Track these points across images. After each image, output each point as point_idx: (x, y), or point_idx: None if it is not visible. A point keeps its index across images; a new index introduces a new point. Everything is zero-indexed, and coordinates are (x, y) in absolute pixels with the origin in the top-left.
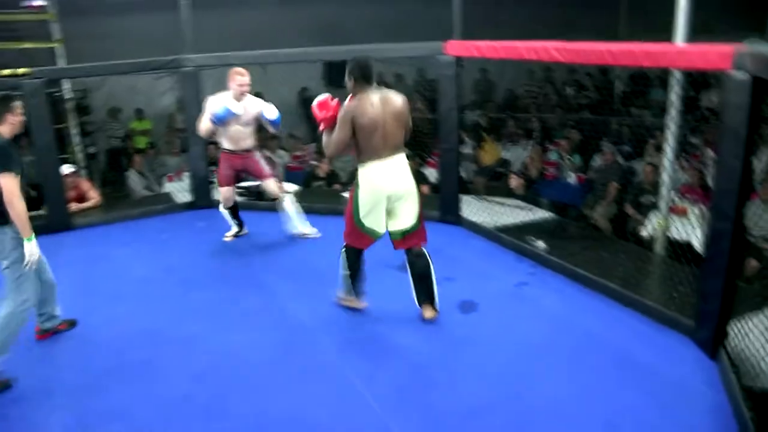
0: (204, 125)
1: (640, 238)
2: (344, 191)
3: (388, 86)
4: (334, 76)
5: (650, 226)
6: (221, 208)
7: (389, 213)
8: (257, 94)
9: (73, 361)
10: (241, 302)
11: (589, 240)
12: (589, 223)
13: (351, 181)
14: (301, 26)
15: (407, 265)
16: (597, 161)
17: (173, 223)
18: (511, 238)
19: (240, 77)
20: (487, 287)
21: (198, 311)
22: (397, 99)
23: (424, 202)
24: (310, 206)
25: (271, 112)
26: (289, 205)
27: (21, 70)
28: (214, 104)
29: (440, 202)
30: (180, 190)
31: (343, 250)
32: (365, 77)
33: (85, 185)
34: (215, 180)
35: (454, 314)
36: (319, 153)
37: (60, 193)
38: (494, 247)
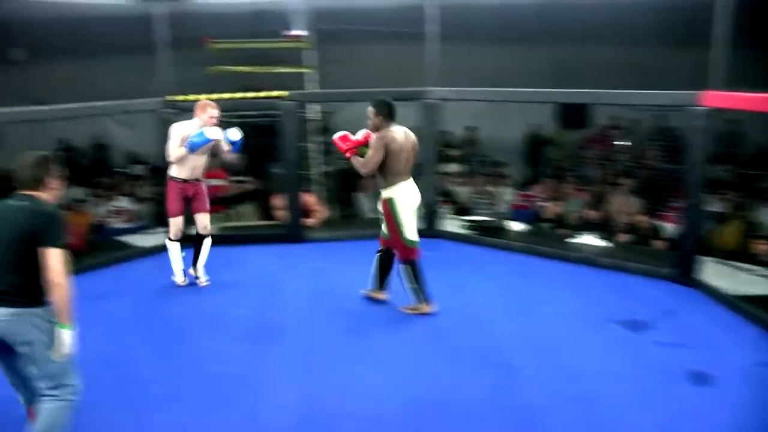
0: (176, 152)
1: None
2: (572, 237)
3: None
4: (567, 118)
5: None
6: (170, 242)
7: None
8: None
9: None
10: (455, 336)
11: None
12: None
13: (580, 225)
14: (535, 65)
15: (376, 259)
16: None
17: None
18: (757, 310)
19: (212, 110)
20: (720, 360)
21: (417, 340)
22: (411, 134)
23: (657, 256)
24: (532, 248)
25: (234, 133)
26: (206, 246)
27: (279, 93)
28: (184, 131)
29: (676, 261)
30: None
31: (403, 266)
32: (391, 115)
33: (312, 200)
34: (442, 209)
35: (682, 384)
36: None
37: (297, 207)
38: (734, 318)
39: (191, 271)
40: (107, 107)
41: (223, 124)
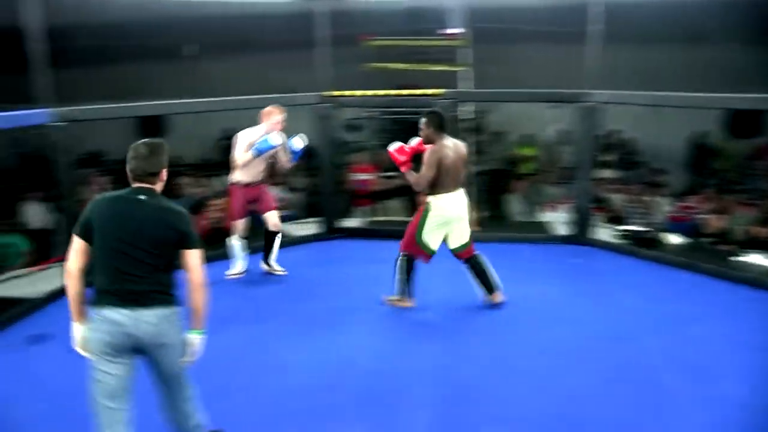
0: (243, 157)
1: None
2: (736, 254)
3: None
4: (737, 125)
5: None
6: (234, 240)
7: (450, 233)
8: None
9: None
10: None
11: None
12: None
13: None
14: (702, 67)
15: (469, 270)
16: None
17: (547, 254)
18: None
19: (277, 116)
20: None
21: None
22: (462, 146)
23: None
24: (691, 263)
25: (298, 142)
26: (278, 241)
27: (433, 91)
28: (250, 138)
29: None
30: (558, 221)
31: (402, 258)
32: (442, 127)
33: None
34: (595, 216)
35: None
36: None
37: None
38: None
39: (263, 265)
40: (269, 100)
41: (376, 120)
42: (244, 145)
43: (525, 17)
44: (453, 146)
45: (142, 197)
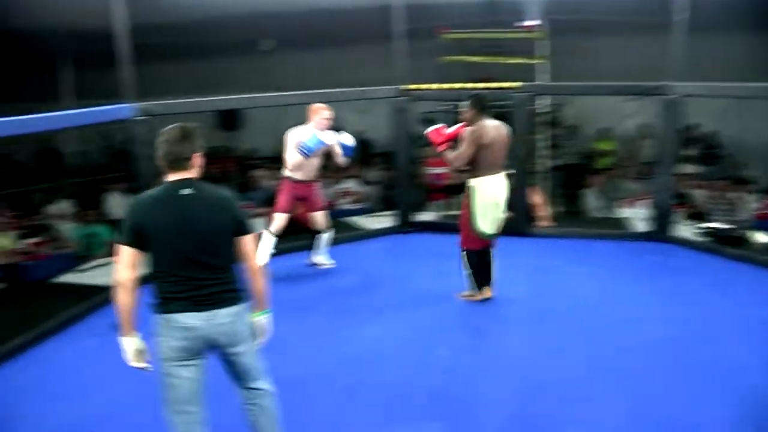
0: (294, 158)
1: None
2: None
3: None
4: None
5: None
6: (268, 234)
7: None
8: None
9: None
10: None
11: None
12: None
13: None
14: None
15: (491, 260)
16: None
17: (625, 251)
18: None
19: (324, 112)
20: None
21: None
22: (504, 128)
23: None
24: None
25: (348, 138)
26: (324, 238)
27: (512, 84)
28: (300, 137)
29: None
30: (637, 217)
31: (464, 254)
32: (483, 109)
33: (537, 198)
34: (676, 212)
35: None
36: None
37: (523, 201)
38: None
39: (312, 259)
40: (345, 94)
41: (452, 114)
42: (293, 144)
43: (603, 8)
44: (494, 128)
45: (186, 191)
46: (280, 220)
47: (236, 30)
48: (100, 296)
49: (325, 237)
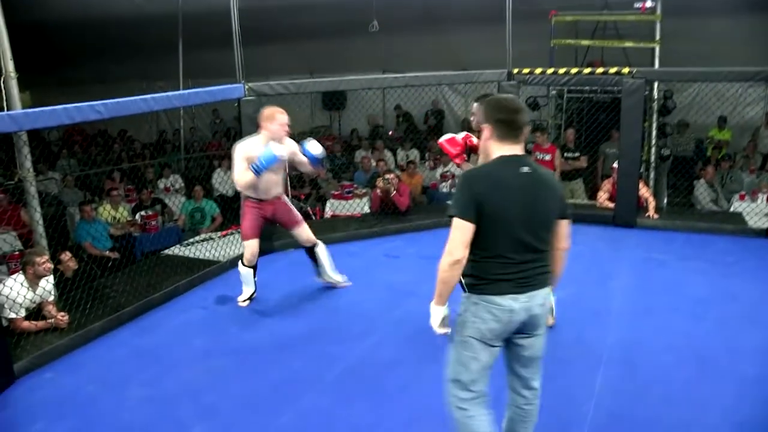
0: (242, 177)
1: None
2: None
3: None
4: None
5: None
6: (242, 267)
7: None
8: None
9: None
10: None
11: None
12: None
13: None
14: None
15: None
16: None
17: (739, 248)
18: None
19: (282, 116)
20: None
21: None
22: None
23: None
24: None
25: (314, 146)
26: (323, 252)
27: (624, 69)
28: (249, 151)
29: None
30: (753, 212)
31: None
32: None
33: (645, 189)
34: None
35: None
36: None
37: (632, 191)
38: None
39: (322, 278)
40: (453, 77)
41: (558, 99)
42: (241, 161)
43: None
44: None
45: (525, 169)
46: (249, 248)
47: (347, 11)
48: (205, 270)
49: (322, 251)
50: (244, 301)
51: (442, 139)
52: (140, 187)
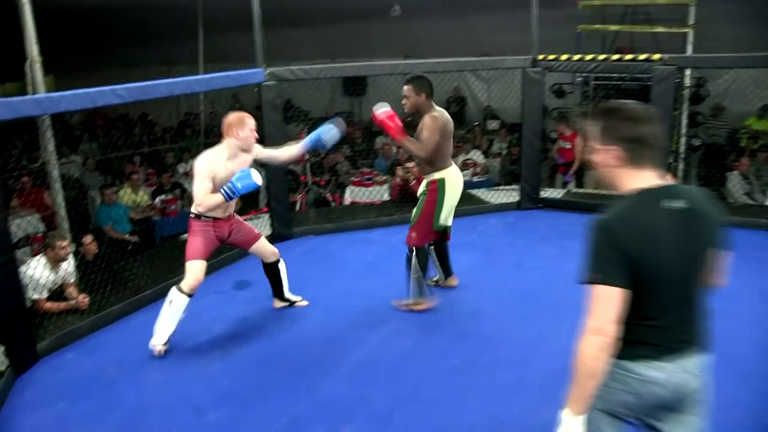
0: (209, 200)
1: None
2: None
3: None
4: None
5: None
6: (179, 294)
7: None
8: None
9: None
10: None
11: None
12: None
13: None
14: None
15: (443, 251)
16: None
17: None
18: None
19: (251, 120)
20: None
21: None
22: (448, 116)
23: None
24: None
25: (330, 132)
26: (284, 269)
27: (655, 56)
28: (214, 167)
29: None
30: None
31: (414, 254)
32: (432, 93)
33: (670, 179)
34: None
35: None
36: None
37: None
38: None
39: (277, 303)
40: (477, 63)
41: (584, 86)
42: (206, 180)
43: None
44: (443, 115)
45: (678, 204)
46: (194, 271)
47: None
48: (224, 255)
49: (283, 267)
50: (164, 345)
51: (379, 110)
52: (160, 171)
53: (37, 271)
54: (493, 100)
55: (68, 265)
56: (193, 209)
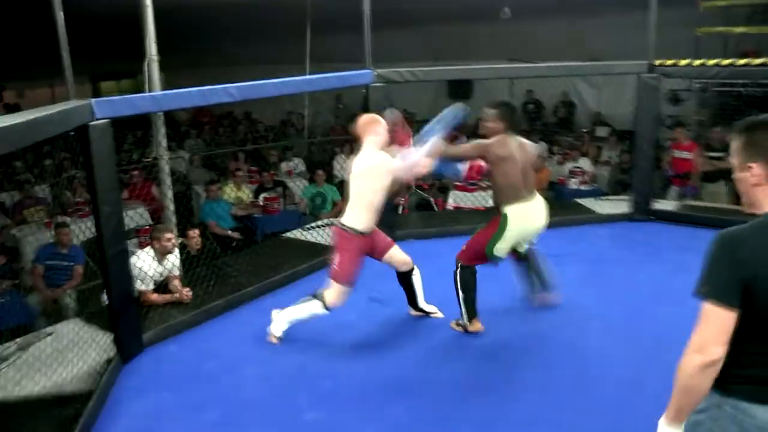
0: (428, 149)
1: None
2: None
3: None
4: None
5: None
6: (319, 307)
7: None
8: None
9: None
10: None
11: None
12: None
13: None
14: None
15: (523, 266)
16: None
17: None
18: None
19: (382, 120)
20: None
21: None
22: (530, 146)
23: None
24: None
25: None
26: (418, 279)
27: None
28: (389, 161)
29: None
30: None
31: (459, 269)
32: (513, 124)
33: None
34: None
35: None
36: None
37: None
38: None
39: (413, 311)
40: (588, 68)
41: (703, 93)
42: (383, 172)
43: None
44: (519, 146)
45: None
46: (342, 296)
47: None
48: (325, 255)
49: (418, 277)
50: (278, 337)
51: (389, 116)
52: (263, 169)
53: (145, 262)
54: (603, 105)
55: (174, 258)
56: (347, 222)
